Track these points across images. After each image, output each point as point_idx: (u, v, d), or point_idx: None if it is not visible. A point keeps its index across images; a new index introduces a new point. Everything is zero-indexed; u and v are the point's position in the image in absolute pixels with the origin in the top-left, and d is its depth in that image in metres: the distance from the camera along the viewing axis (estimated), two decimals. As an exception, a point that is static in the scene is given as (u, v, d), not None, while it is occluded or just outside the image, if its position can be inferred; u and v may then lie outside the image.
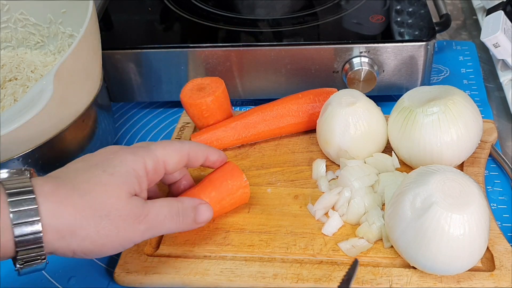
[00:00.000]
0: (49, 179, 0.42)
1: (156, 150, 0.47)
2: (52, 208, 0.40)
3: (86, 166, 0.44)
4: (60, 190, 0.41)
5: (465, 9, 0.92)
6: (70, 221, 0.41)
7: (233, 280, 0.50)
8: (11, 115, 0.49)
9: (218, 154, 0.53)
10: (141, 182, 0.45)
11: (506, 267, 0.49)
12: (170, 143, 0.49)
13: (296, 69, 0.68)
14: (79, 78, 0.56)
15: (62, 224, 0.40)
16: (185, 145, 0.50)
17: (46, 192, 0.40)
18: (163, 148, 0.48)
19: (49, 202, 0.40)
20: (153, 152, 0.47)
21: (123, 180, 0.44)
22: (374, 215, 0.52)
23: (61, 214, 0.40)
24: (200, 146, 0.52)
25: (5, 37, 0.71)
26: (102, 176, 0.43)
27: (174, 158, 0.48)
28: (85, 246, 0.42)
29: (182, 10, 0.76)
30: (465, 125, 0.54)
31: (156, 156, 0.47)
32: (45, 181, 0.41)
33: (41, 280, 0.53)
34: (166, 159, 0.48)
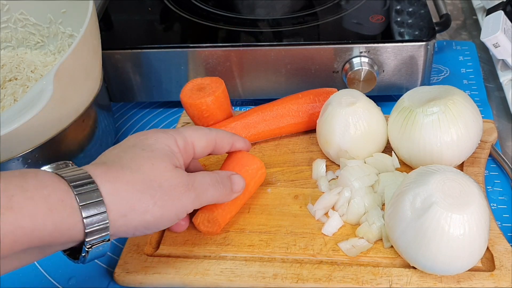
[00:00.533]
0: (96, 165, 0.43)
1: (185, 131, 0.49)
2: (110, 188, 0.41)
3: (124, 148, 0.46)
4: (111, 171, 0.42)
5: (465, 9, 0.92)
6: (128, 197, 0.42)
7: (233, 280, 0.50)
8: (11, 115, 0.49)
9: (243, 141, 0.55)
10: (177, 157, 0.47)
11: (506, 267, 0.49)
12: (198, 128, 0.51)
13: (296, 69, 0.68)
14: (79, 78, 0.56)
15: (121, 201, 0.41)
16: (212, 131, 0.52)
17: (100, 174, 0.41)
18: (192, 130, 0.50)
19: (105, 182, 0.41)
20: (182, 133, 0.49)
21: (164, 154, 0.46)
22: (374, 215, 0.52)
23: (118, 192, 0.41)
24: (227, 133, 0.53)
25: (5, 37, 0.71)
26: (143, 153, 0.45)
27: (202, 142, 0.50)
28: (146, 220, 0.43)
29: (182, 10, 0.76)
30: (465, 125, 0.54)
31: (185, 136, 0.49)
32: (94, 167, 0.42)
33: (41, 280, 0.53)
34: (194, 140, 0.50)
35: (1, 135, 0.48)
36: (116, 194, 0.41)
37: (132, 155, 0.44)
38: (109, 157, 0.45)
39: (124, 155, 0.44)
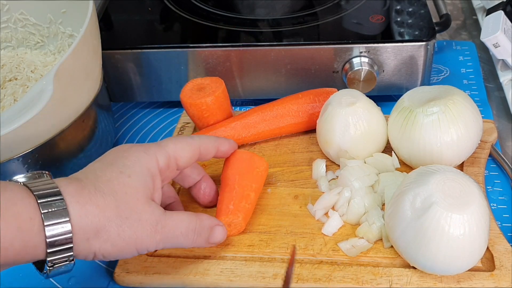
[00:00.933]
0: (71, 180, 0.42)
1: (167, 146, 0.48)
2: (78, 208, 0.40)
3: (102, 165, 0.44)
4: (84, 190, 0.41)
5: (465, 9, 0.92)
6: (95, 221, 0.41)
7: (233, 280, 0.50)
8: (11, 115, 0.49)
9: (228, 143, 0.54)
10: (155, 180, 0.46)
11: (506, 267, 0.49)
12: (180, 138, 0.50)
13: (296, 69, 0.68)
14: (79, 78, 0.56)
15: (87, 224, 0.41)
16: (195, 139, 0.50)
17: (71, 192, 0.41)
18: (173, 143, 0.48)
19: (75, 202, 0.40)
20: (164, 148, 0.47)
21: (140, 183, 0.44)
22: (374, 215, 0.52)
23: (86, 214, 0.41)
24: (210, 138, 0.52)
25: (5, 37, 0.71)
26: (120, 177, 0.43)
27: (185, 153, 0.49)
28: (106, 249, 0.42)
29: (182, 10, 0.76)
30: (465, 125, 0.54)
31: (167, 152, 0.47)
32: (68, 182, 0.42)
33: (41, 280, 0.53)
34: (177, 154, 0.48)
35: (1, 135, 0.48)
36: (84, 216, 0.41)
37: (109, 176, 0.43)
38: (87, 173, 0.44)
39: (100, 175, 0.43)
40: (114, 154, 0.46)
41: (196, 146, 0.50)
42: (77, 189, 0.41)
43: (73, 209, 0.40)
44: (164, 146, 0.48)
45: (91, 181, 0.42)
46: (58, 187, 0.40)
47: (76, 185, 0.41)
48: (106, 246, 0.42)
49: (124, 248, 0.43)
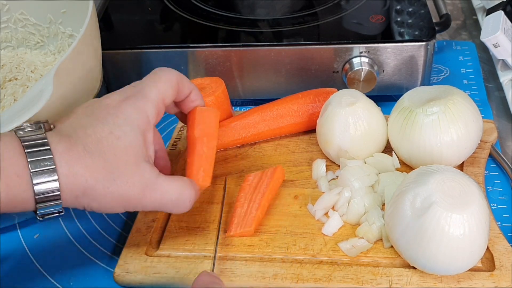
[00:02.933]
0: (61, 137, 0.42)
1: (151, 92, 0.47)
2: (67, 168, 0.41)
3: (92, 121, 0.44)
4: (72, 150, 0.42)
5: (465, 9, 0.92)
6: (82, 182, 0.42)
7: (233, 280, 0.50)
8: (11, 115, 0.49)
9: (199, 95, 0.53)
10: (146, 137, 0.46)
11: (506, 267, 0.49)
12: (158, 77, 0.48)
13: (296, 69, 0.68)
14: (79, 77, 0.56)
15: (75, 184, 0.42)
16: (171, 73, 0.49)
17: (61, 151, 0.41)
18: (155, 86, 0.48)
19: (64, 162, 0.41)
20: (150, 96, 0.47)
21: (130, 144, 0.44)
22: (374, 215, 0.52)
23: (75, 174, 0.42)
24: (183, 76, 0.51)
25: (5, 37, 0.71)
26: (109, 138, 0.43)
27: (168, 92, 0.48)
28: (93, 205, 0.44)
29: (182, 10, 0.76)
30: (465, 125, 0.54)
31: (153, 100, 0.47)
32: (59, 139, 0.42)
33: (41, 280, 0.53)
34: (162, 96, 0.48)
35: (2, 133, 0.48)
36: (72, 177, 0.42)
37: (98, 136, 0.43)
38: (76, 128, 0.44)
39: (91, 132, 0.43)
40: (104, 109, 0.45)
41: (175, 82, 0.49)
42: (66, 147, 0.42)
43: (62, 168, 0.41)
44: (148, 93, 0.47)
45: (81, 139, 0.43)
46: (48, 145, 0.41)
47: (65, 144, 0.42)
48: (93, 204, 0.44)
49: (112, 206, 0.44)
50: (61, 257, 0.56)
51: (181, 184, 0.47)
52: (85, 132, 0.43)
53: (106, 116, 0.45)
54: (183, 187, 0.47)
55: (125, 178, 0.44)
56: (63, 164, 0.41)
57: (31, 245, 0.57)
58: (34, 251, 0.56)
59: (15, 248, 0.56)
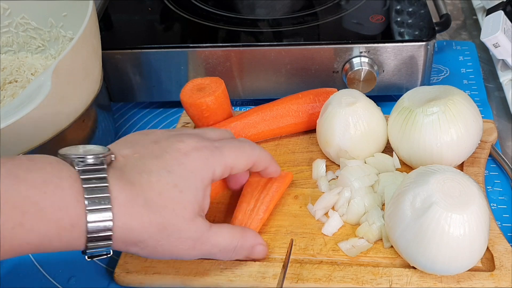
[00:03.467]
0: (124, 185, 0.41)
1: (228, 156, 0.46)
2: (123, 222, 0.41)
3: (159, 168, 0.43)
4: (133, 204, 0.41)
5: (465, 9, 0.92)
6: (136, 235, 0.42)
7: (233, 280, 0.50)
8: (9, 110, 0.49)
9: (276, 168, 0.53)
10: (206, 191, 0.45)
11: (506, 267, 0.49)
12: (241, 147, 0.48)
13: (296, 69, 0.68)
14: (78, 76, 0.56)
15: (128, 237, 0.42)
16: (255, 151, 0.49)
17: (121, 203, 0.40)
18: (234, 154, 0.47)
19: (121, 214, 0.40)
20: (224, 158, 0.46)
21: (190, 198, 0.44)
22: (374, 215, 0.52)
23: (130, 229, 0.41)
24: (267, 155, 0.51)
25: (6, 41, 0.71)
26: (172, 192, 0.43)
27: (242, 164, 0.48)
28: (142, 254, 0.44)
29: (182, 10, 0.76)
30: (465, 125, 0.54)
31: (226, 162, 0.46)
32: (121, 188, 0.41)
33: (41, 280, 0.53)
34: (234, 165, 0.47)
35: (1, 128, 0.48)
36: (127, 230, 0.41)
37: (161, 188, 0.42)
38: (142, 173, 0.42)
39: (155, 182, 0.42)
40: (175, 156, 0.44)
41: (253, 159, 0.49)
42: (127, 199, 0.41)
43: (119, 222, 0.40)
44: (225, 155, 0.46)
45: (144, 189, 0.42)
46: (109, 192, 0.40)
47: (127, 194, 0.41)
48: (142, 252, 0.43)
49: (161, 256, 0.45)
50: (61, 257, 0.55)
51: (230, 233, 0.48)
52: (149, 180, 0.42)
53: (174, 164, 0.43)
54: (231, 235, 0.47)
55: (179, 234, 0.43)
56: (120, 218, 0.40)
57: (31, 245, 0.57)
58: (34, 251, 0.56)
59: (15, 248, 0.56)
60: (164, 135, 0.46)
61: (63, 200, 0.38)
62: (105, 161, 0.42)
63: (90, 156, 0.41)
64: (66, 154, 0.41)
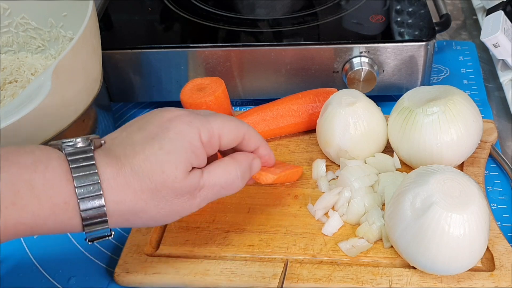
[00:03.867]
0: (110, 160, 0.42)
1: (214, 122, 0.46)
2: (115, 195, 0.41)
3: (144, 139, 0.43)
4: (120, 175, 0.41)
5: (465, 9, 0.92)
6: (131, 206, 0.42)
7: (233, 280, 0.50)
8: (9, 110, 0.49)
9: (268, 151, 0.52)
10: (198, 154, 0.45)
11: (506, 267, 0.49)
12: (229, 119, 0.47)
13: (296, 69, 0.68)
14: (78, 76, 0.56)
15: (124, 209, 0.42)
16: (244, 125, 0.48)
17: (108, 176, 0.41)
18: (221, 121, 0.46)
19: (110, 188, 0.41)
20: (210, 124, 0.45)
21: (180, 158, 0.43)
22: (374, 215, 0.52)
23: (123, 200, 0.41)
24: (257, 134, 0.50)
25: (7, 41, 0.71)
26: (159, 154, 0.42)
27: (230, 135, 0.47)
28: (148, 223, 0.44)
29: (182, 10, 0.76)
30: (465, 125, 0.54)
31: (212, 128, 0.45)
32: (107, 162, 0.41)
33: (41, 280, 0.53)
34: (222, 133, 0.46)
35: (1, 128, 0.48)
36: (121, 203, 0.41)
37: (147, 153, 0.42)
38: (126, 147, 0.43)
39: (140, 150, 0.42)
40: (158, 124, 0.44)
41: (242, 132, 0.48)
42: (114, 172, 0.41)
43: (110, 195, 0.41)
44: (211, 121, 0.46)
45: (129, 159, 0.42)
46: (96, 169, 0.40)
47: (113, 168, 0.41)
48: (148, 222, 0.44)
49: (166, 220, 0.45)
50: (61, 257, 0.56)
51: (223, 167, 0.47)
52: (133, 149, 0.42)
53: (159, 132, 0.44)
54: (226, 169, 0.47)
55: (174, 192, 0.43)
56: (110, 191, 0.41)
57: (31, 245, 0.57)
58: (34, 251, 0.56)
59: (15, 248, 0.56)
60: (150, 112, 0.47)
61: (54, 178, 0.39)
62: (93, 144, 0.42)
63: (79, 139, 0.42)
64: (55, 143, 0.42)
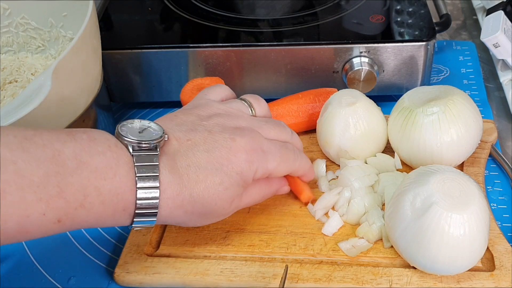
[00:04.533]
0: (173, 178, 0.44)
1: (272, 163, 0.48)
2: (168, 212, 0.44)
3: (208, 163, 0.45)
4: (179, 197, 0.44)
5: (465, 9, 0.92)
6: (177, 220, 0.46)
7: (233, 280, 0.50)
8: (10, 110, 0.49)
9: (310, 177, 0.55)
10: (246, 188, 0.48)
11: (506, 267, 0.49)
12: (285, 154, 0.50)
13: (296, 69, 0.68)
14: (78, 76, 0.56)
15: (171, 221, 0.46)
16: (296, 161, 0.51)
17: (168, 196, 0.44)
18: (277, 162, 0.49)
19: (167, 206, 0.44)
20: (267, 165, 0.48)
21: (233, 195, 0.47)
22: (374, 215, 0.52)
23: (173, 216, 0.45)
24: (306, 164, 0.53)
25: (7, 41, 0.71)
26: (217, 188, 0.45)
27: (280, 172, 0.50)
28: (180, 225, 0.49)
29: (182, 10, 0.76)
30: (465, 125, 0.54)
31: (268, 168, 0.48)
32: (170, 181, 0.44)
33: (41, 280, 0.53)
34: (274, 171, 0.49)
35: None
36: (171, 217, 0.45)
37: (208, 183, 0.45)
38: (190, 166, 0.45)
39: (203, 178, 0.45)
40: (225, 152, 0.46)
41: (293, 168, 0.51)
42: (174, 192, 0.44)
43: (163, 210, 0.44)
44: (269, 161, 0.48)
45: (191, 184, 0.44)
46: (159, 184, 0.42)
47: (174, 188, 0.44)
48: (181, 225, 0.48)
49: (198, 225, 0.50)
50: (61, 257, 0.56)
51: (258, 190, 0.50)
52: (197, 175, 0.45)
53: (223, 163, 0.46)
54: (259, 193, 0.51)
55: (218, 217, 0.48)
56: (165, 208, 0.44)
57: (31, 245, 0.57)
58: (34, 251, 0.56)
59: (15, 248, 0.56)
60: (219, 124, 0.48)
61: (120, 187, 0.42)
62: (159, 145, 0.44)
63: (145, 142, 0.44)
64: (123, 135, 0.44)
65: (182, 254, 0.53)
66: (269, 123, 0.51)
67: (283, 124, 0.53)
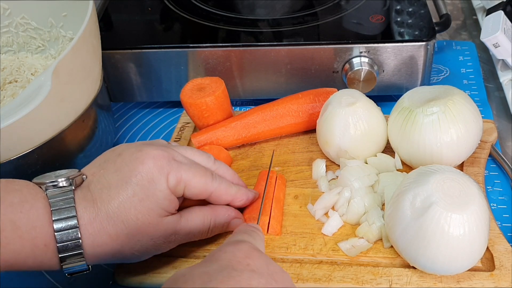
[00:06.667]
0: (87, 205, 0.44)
1: (186, 172, 0.47)
2: (92, 240, 0.43)
3: (118, 181, 0.45)
4: (96, 220, 0.43)
5: (465, 9, 0.92)
6: (107, 249, 0.44)
7: (233, 280, 0.50)
8: (9, 110, 0.49)
9: (246, 196, 0.52)
10: (170, 199, 0.46)
11: (506, 267, 0.49)
12: (202, 174, 0.48)
13: (296, 69, 0.68)
14: (78, 76, 0.56)
15: (101, 253, 0.44)
16: (214, 182, 0.49)
17: (86, 222, 0.43)
18: (193, 174, 0.47)
19: (88, 234, 0.43)
20: (180, 172, 0.46)
21: (151, 205, 0.45)
22: (374, 215, 0.52)
23: (100, 245, 0.44)
24: (229, 190, 0.50)
25: (7, 41, 0.71)
26: (132, 201, 0.44)
27: (195, 189, 0.48)
28: (123, 261, 0.48)
29: (182, 10, 0.76)
30: (465, 125, 0.54)
31: (181, 176, 0.46)
32: (85, 207, 0.43)
33: (41, 280, 0.53)
34: (188, 184, 0.47)
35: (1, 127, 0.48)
36: (98, 247, 0.44)
37: (121, 199, 0.44)
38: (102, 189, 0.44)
39: (114, 195, 0.44)
40: (132, 167, 0.45)
41: (209, 191, 0.49)
42: (91, 218, 0.43)
43: (87, 239, 0.43)
44: (182, 169, 0.47)
45: (104, 204, 0.44)
46: (76, 212, 0.42)
47: (90, 213, 0.43)
48: (122, 261, 0.47)
49: (140, 257, 0.47)
50: (61, 257, 0.55)
51: (201, 218, 0.49)
52: (109, 194, 0.44)
53: (132, 175, 0.45)
54: (203, 220, 0.49)
55: (148, 237, 0.46)
56: (87, 236, 0.43)
57: (31, 245, 0.57)
58: (34, 251, 0.56)
59: (15, 248, 0.56)
60: (130, 146, 0.47)
61: (37, 219, 0.41)
62: (74, 182, 0.44)
63: (61, 180, 0.44)
64: (39, 182, 0.44)
65: (182, 254, 0.53)
66: (188, 148, 0.50)
67: (208, 155, 0.51)
